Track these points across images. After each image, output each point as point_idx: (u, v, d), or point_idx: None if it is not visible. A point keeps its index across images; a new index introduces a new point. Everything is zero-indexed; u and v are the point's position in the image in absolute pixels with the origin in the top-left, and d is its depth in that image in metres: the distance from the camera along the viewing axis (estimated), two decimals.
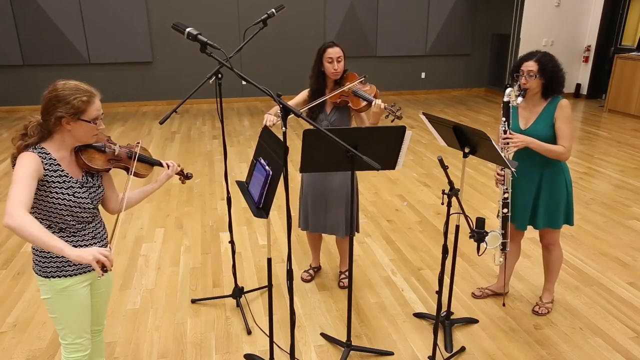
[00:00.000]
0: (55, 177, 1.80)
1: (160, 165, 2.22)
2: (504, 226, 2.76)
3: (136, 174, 2.08)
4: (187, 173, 2.39)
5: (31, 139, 1.79)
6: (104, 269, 1.62)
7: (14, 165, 1.78)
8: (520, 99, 2.67)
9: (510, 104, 2.68)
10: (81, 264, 1.91)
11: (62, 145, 1.84)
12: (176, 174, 2.28)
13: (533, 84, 2.66)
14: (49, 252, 1.86)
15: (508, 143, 2.62)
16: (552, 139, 2.68)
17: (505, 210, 2.73)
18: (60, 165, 1.82)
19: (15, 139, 1.82)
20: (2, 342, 2.80)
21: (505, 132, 2.64)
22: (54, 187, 1.80)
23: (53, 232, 1.84)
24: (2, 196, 4.91)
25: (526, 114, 2.77)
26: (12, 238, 4.04)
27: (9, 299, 3.21)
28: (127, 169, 2.06)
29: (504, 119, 2.66)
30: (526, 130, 2.73)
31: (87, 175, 1.93)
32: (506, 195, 2.71)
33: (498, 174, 2.74)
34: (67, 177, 1.83)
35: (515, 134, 2.64)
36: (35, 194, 1.78)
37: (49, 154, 1.80)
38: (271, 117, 2.80)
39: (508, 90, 2.66)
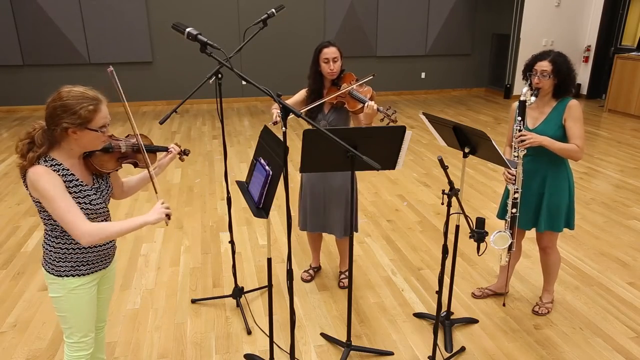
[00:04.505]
0: (72, 187, 1.78)
1: (165, 150, 2.21)
2: (512, 226, 2.74)
3: (142, 165, 2.05)
4: (184, 149, 2.35)
5: (40, 148, 1.73)
6: (169, 217, 1.88)
7: (23, 176, 1.74)
8: (533, 99, 2.65)
9: (526, 104, 2.64)
10: (94, 264, 1.93)
11: (71, 153, 1.81)
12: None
13: (546, 84, 2.65)
14: (64, 252, 1.85)
15: (523, 141, 2.59)
16: (560, 140, 2.67)
17: (514, 210, 2.71)
18: (74, 175, 1.79)
19: (21, 148, 1.74)
20: (2, 342, 2.80)
21: (519, 130, 2.62)
22: (72, 198, 1.77)
23: (58, 234, 1.84)
24: (2, 196, 4.92)
25: (535, 113, 2.77)
26: (12, 238, 4.04)
27: (9, 299, 3.21)
28: (134, 164, 2.04)
29: (519, 118, 2.63)
30: (534, 129, 2.72)
31: (97, 178, 1.92)
32: (516, 195, 2.69)
33: (509, 172, 2.69)
34: (82, 185, 1.82)
35: (529, 132, 2.63)
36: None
37: (61, 164, 1.77)
38: (278, 112, 2.78)
39: (525, 89, 2.63)
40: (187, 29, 2.00)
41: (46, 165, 1.73)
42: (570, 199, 2.80)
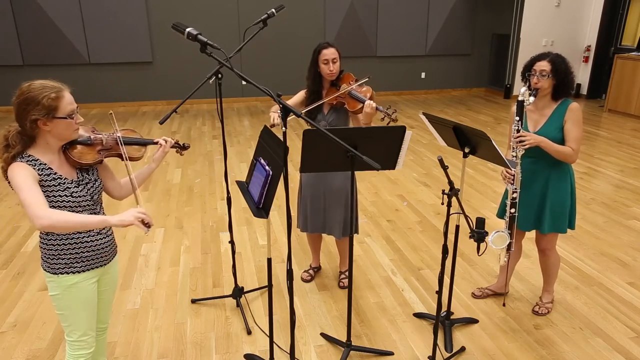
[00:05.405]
0: (50, 180, 1.79)
1: (153, 143, 2.17)
2: (510, 226, 2.74)
3: (130, 158, 2.03)
4: (183, 143, 2.33)
5: (15, 148, 1.76)
6: (147, 225, 1.71)
7: (6, 177, 1.77)
8: (531, 99, 2.65)
9: (524, 104, 2.64)
10: (89, 261, 1.93)
11: (48, 148, 1.81)
12: (172, 147, 2.23)
13: (545, 84, 2.65)
14: (57, 249, 1.86)
15: (522, 142, 2.59)
16: (561, 142, 2.68)
17: (512, 210, 2.71)
18: (52, 169, 1.81)
19: (0, 151, 1.78)
20: (2, 342, 2.80)
21: (518, 131, 2.62)
22: (50, 191, 1.79)
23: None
24: (2, 196, 4.92)
25: (535, 116, 2.76)
26: (12, 238, 4.04)
27: (9, 299, 3.21)
28: (120, 157, 2.02)
29: (517, 118, 2.62)
30: (535, 132, 2.72)
31: (82, 172, 1.92)
32: (515, 195, 2.69)
33: (508, 172, 2.68)
34: (61, 178, 1.82)
35: (527, 133, 2.63)
36: None
37: (37, 159, 1.78)
38: (276, 115, 2.77)
39: (523, 89, 2.63)
40: (187, 29, 2.00)
41: (22, 161, 1.76)
42: (572, 199, 2.81)
